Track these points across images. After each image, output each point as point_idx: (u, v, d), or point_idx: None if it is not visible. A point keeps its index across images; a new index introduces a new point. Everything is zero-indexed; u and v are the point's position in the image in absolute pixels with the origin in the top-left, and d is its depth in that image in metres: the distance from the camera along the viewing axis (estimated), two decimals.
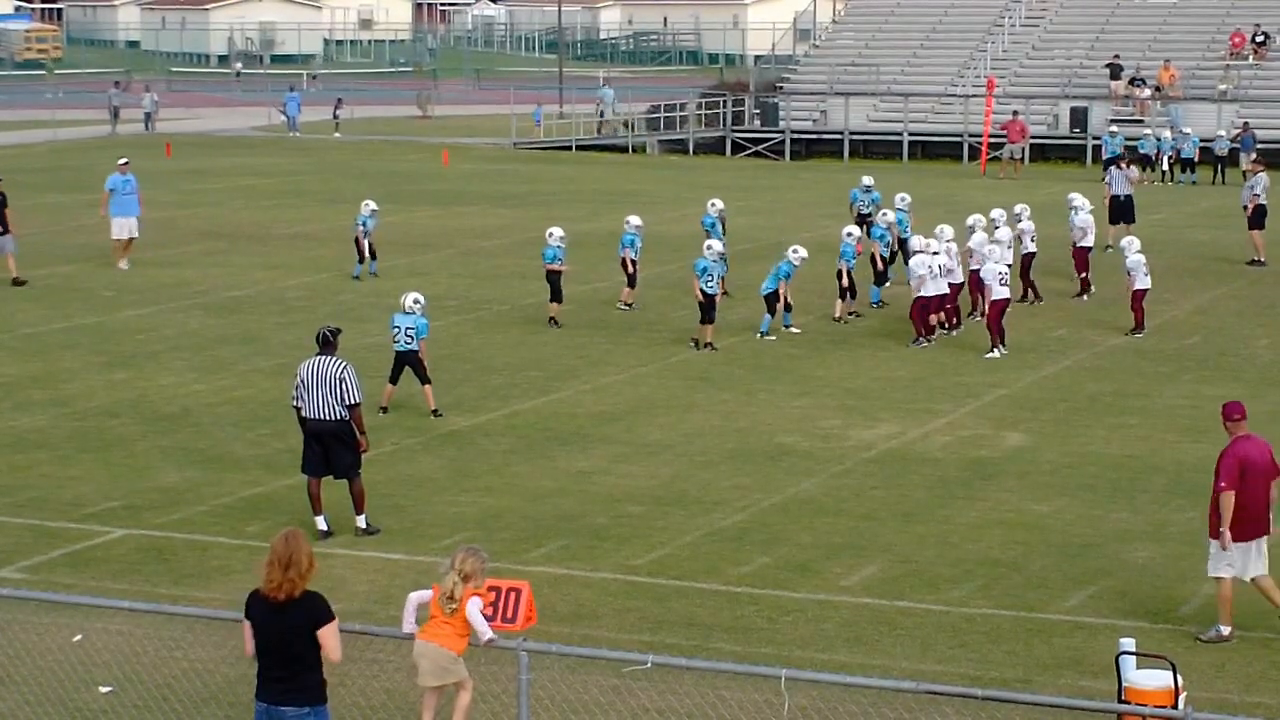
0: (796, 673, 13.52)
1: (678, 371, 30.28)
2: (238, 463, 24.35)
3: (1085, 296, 37.15)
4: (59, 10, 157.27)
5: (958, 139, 73.39)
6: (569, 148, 76.98)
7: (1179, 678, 13.51)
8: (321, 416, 20.78)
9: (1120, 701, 13.50)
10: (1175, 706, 13.16)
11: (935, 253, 32.50)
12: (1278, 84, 73.63)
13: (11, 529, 21.25)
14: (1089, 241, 37.74)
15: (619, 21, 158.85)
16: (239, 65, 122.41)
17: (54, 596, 15.94)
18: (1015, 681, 16.39)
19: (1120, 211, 44.70)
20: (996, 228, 35.11)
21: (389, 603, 18.08)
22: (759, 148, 76.92)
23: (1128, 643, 14.04)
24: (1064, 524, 21.34)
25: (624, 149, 77.25)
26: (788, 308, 33.18)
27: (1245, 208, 43.08)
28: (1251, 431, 17.68)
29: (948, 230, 33.73)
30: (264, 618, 12.70)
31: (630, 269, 35.93)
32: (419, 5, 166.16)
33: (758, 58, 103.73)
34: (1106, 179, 46.66)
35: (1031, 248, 36.14)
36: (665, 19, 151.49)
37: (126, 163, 42.20)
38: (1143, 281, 33.29)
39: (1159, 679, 13.58)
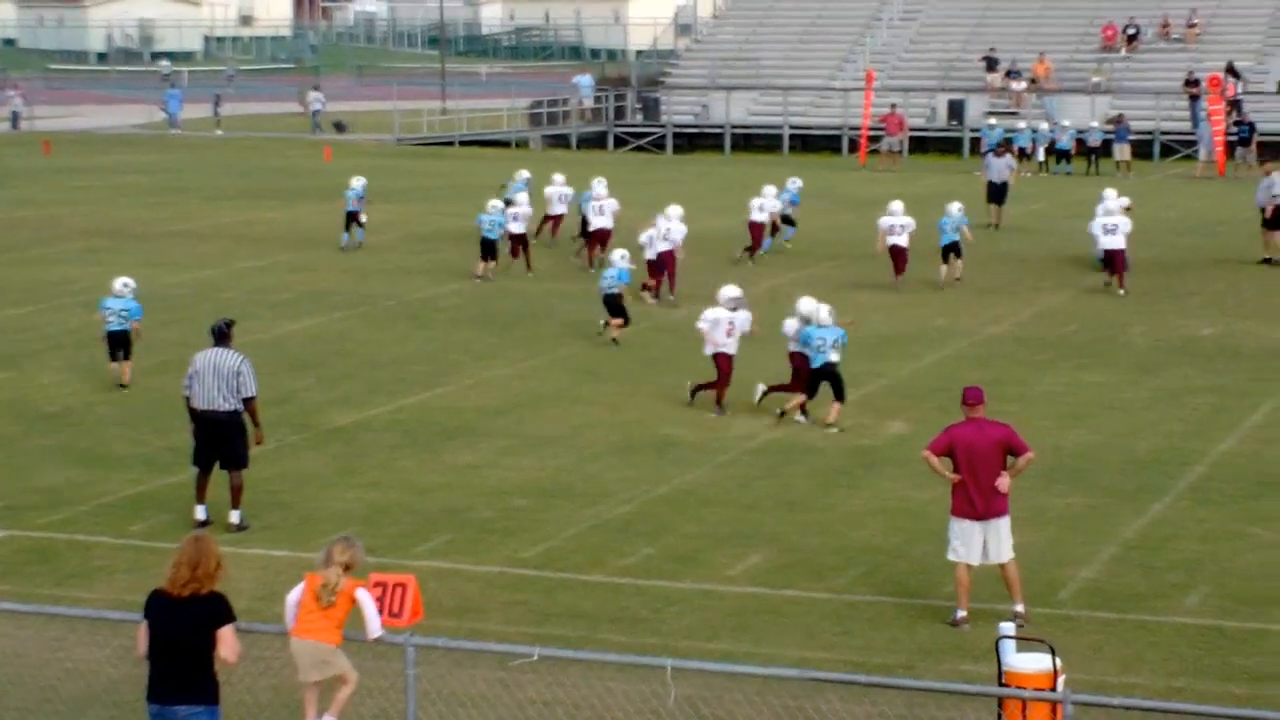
0: (682, 662, 13.61)
1: (564, 365, 30.33)
2: (120, 462, 24.19)
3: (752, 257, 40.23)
4: None
5: (838, 132, 73.85)
6: (452, 143, 76.80)
7: (1058, 660, 13.70)
8: (213, 407, 20.79)
9: (1001, 685, 13.68)
10: (1054, 689, 13.37)
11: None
12: (1149, 76, 74.52)
13: None
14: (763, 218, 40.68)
15: (501, 17, 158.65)
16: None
17: None
18: (898, 667, 16.56)
19: (995, 194, 47.77)
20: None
21: (274, 600, 17.96)
22: (641, 142, 77.09)
23: (1007, 627, 14.22)
24: (945, 511, 21.38)
25: (507, 144, 77.18)
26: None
27: (1263, 209, 41.70)
28: (990, 417, 17.92)
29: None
30: (163, 615, 12.69)
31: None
32: (299, 1, 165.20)
33: (639, 52, 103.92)
34: (984, 163, 49.88)
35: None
36: (547, 14, 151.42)
37: None
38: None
39: (1038, 662, 13.75)
